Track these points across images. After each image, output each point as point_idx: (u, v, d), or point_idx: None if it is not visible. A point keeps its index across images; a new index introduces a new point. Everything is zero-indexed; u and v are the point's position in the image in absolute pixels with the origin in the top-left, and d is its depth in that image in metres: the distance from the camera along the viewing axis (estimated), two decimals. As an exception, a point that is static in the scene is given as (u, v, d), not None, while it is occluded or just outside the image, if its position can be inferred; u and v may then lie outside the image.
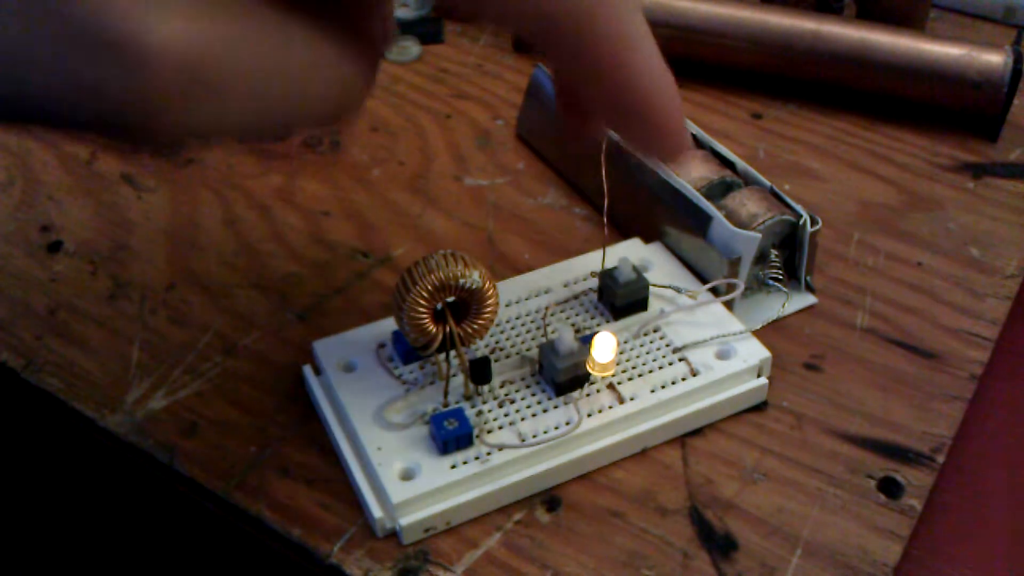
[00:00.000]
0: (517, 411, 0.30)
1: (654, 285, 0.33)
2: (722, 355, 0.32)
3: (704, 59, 0.47)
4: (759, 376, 0.32)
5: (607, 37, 0.21)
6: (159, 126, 0.17)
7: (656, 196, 0.36)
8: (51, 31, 0.16)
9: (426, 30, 0.51)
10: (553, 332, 0.32)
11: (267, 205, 0.40)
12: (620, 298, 0.33)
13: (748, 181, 0.36)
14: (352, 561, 0.28)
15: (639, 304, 0.33)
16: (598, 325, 0.33)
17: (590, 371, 0.30)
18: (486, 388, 0.30)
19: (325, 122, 0.21)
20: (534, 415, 0.30)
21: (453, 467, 0.28)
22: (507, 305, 0.33)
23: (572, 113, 0.27)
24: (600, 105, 0.24)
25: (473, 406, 0.30)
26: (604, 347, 0.30)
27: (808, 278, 0.36)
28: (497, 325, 0.32)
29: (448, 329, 0.29)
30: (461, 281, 0.28)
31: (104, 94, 0.17)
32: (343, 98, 0.21)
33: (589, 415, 0.30)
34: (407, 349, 0.31)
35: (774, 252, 0.35)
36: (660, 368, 0.31)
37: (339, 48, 0.20)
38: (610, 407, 0.30)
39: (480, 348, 0.32)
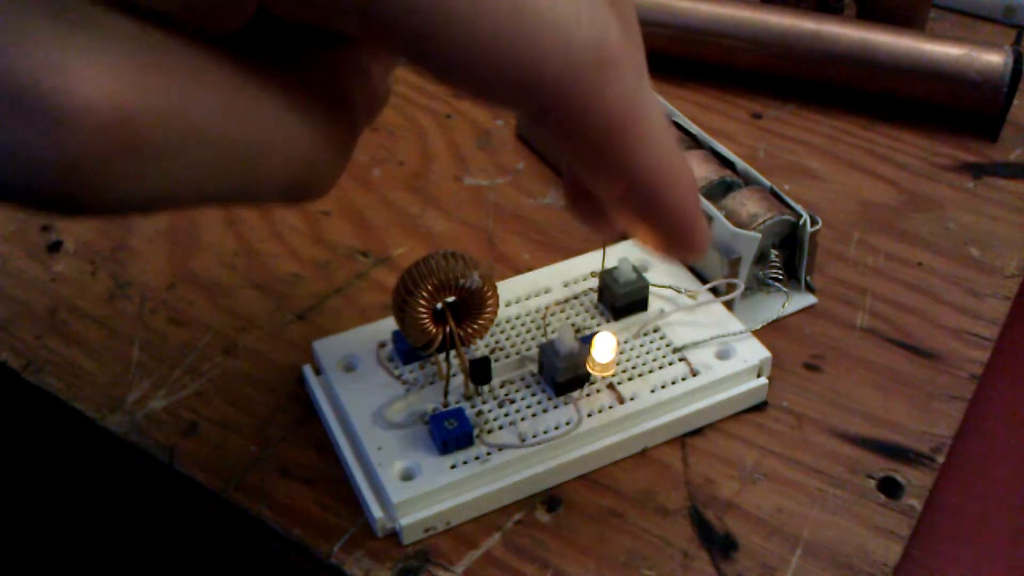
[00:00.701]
0: (517, 411, 0.30)
1: (654, 285, 0.33)
2: (722, 355, 0.32)
3: (704, 59, 0.47)
4: (759, 376, 0.32)
5: (605, 113, 0.18)
6: (88, 194, 0.15)
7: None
8: None
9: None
10: (553, 332, 0.32)
11: (267, 205, 0.40)
12: (620, 298, 0.33)
13: (748, 181, 0.36)
14: (352, 561, 0.28)
15: (639, 304, 0.33)
16: (598, 325, 0.33)
17: (590, 371, 0.30)
18: (486, 388, 0.30)
19: (289, 196, 0.19)
20: (534, 415, 0.30)
21: (453, 467, 0.28)
22: (507, 305, 0.33)
23: (581, 205, 0.24)
24: (601, 194, 0.21)
25: (473, 406, 0.30)
26: (604, 347, 0.30)
27: (808, 278, 0.36)
28: (497, 325, 0.32)
29: (448, 329, 0.29)
30: (461, 281, 0.28)
31: (20, 159, 0.14)
32: (308, 171, 0.18)
33: (589, 415, 0.30)
34: (407, 349, 0.31)
35: (774, 252, 0.35)
36: (660, 368, 0.31)
37: (308, 114, 0.18)
38: (610, 407, 0.30)
39: (480, 348, 0.32)
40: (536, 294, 0.34)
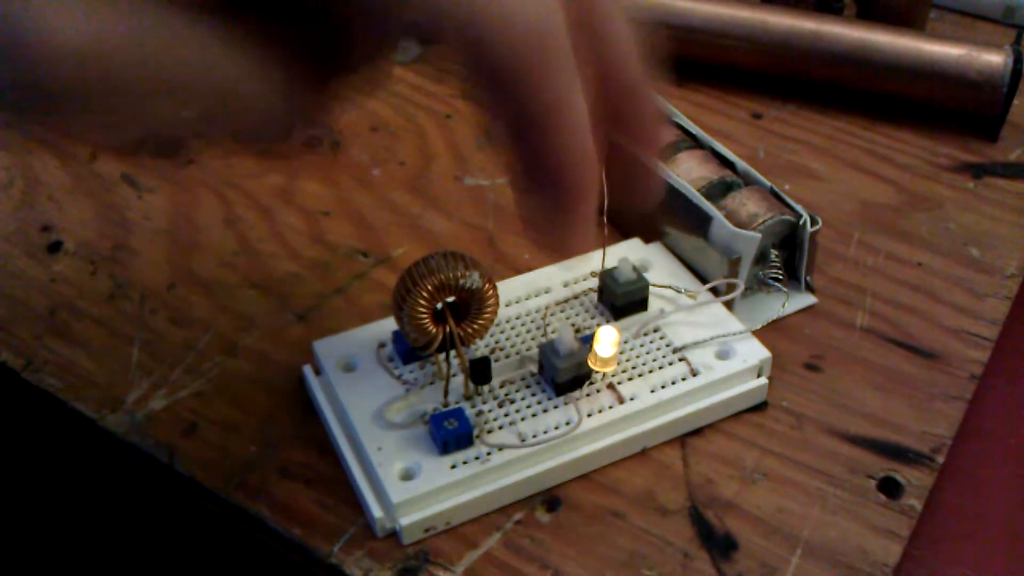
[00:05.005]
0: (517, 411, 0.30)
1: (654, 285, 0.33)
2: (722, 355, 0.32)
3: (704, 59, 0.47)
4: (759, 376, 0.32)
5: (532, 92, 0.19)
6: (66, 120, 0.18)
7: (656, 196, 0.36)
8: None
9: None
10: (553, 332, 0.32)
11: (267, 205, 0.40)
12: (620, 298, 0.33)
13: (748, 181, 0.36)
14: (352, 561, 0.28)
15: (639, 304, 0.33)
16: (598, 325, 0.33)
17: (592, 367, 0.30)
18: (486, 388, 0.30)
19: (258, 134, 0.21)
20: (534, 415, 0.30)
21: (453, 467, 0.28)
22: (507, 305, 0.33)
23: (523, 202, 0.25)
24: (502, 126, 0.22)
25: (473, 406, 0.30)
26: (606, 340, 0.30)
27: (808, 278, 0.36)
28: (497, 325, 0.32)
29: (448, 329, 0.29)
30: (461, 281, 0.28)
31: (9, 98, 0.17)
32: (271, 110, 0.20)
33: (589, 415, 0.30)
34: (407, 349, 0.31)
35: (774, 252, 0.35)
36: (660, 368, 0.31)
37: (269, 61, 0.20)
38: (610, 407, 0.30)
39: (480, 348, 0.32)
40: (536, 294, 0.34)
